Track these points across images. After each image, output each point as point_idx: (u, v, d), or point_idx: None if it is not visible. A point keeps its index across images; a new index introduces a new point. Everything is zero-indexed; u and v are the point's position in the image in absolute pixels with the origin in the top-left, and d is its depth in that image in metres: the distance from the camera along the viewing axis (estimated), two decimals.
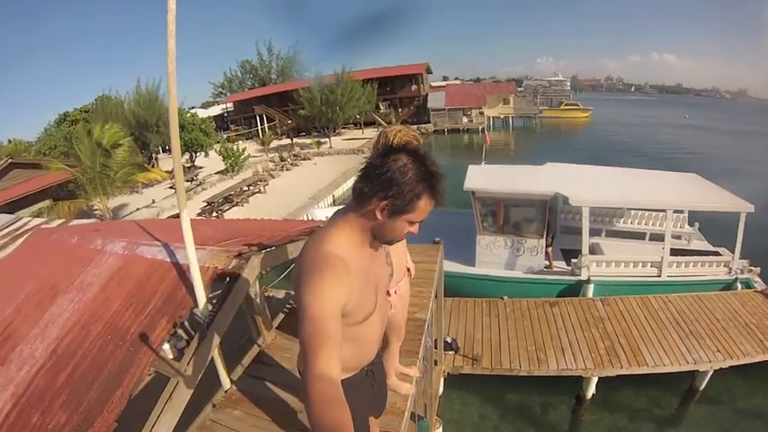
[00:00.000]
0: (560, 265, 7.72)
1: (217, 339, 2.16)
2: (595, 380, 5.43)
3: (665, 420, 5.35)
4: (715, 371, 5.39)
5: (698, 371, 5.41)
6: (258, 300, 3.16)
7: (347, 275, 1.08)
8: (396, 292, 2.20)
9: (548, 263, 7.62)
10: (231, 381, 2.47)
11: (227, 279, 2.73)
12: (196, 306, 2.38)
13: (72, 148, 11.22)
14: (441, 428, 4.98)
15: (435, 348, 5.03)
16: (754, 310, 6.31)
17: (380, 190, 1.08)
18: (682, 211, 8.27)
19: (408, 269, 2.62)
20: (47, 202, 14.05)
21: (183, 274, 2.71)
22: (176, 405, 1.75)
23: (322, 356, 0.93)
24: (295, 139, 30.91)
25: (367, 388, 1.50)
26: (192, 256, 2.23)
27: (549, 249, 7.58)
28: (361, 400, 1.48)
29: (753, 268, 7.18)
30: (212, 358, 2.38)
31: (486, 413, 5.58)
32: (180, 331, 3.07)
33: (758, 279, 7.15)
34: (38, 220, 5.95)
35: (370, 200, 1.10)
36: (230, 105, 40.92)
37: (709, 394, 5.52)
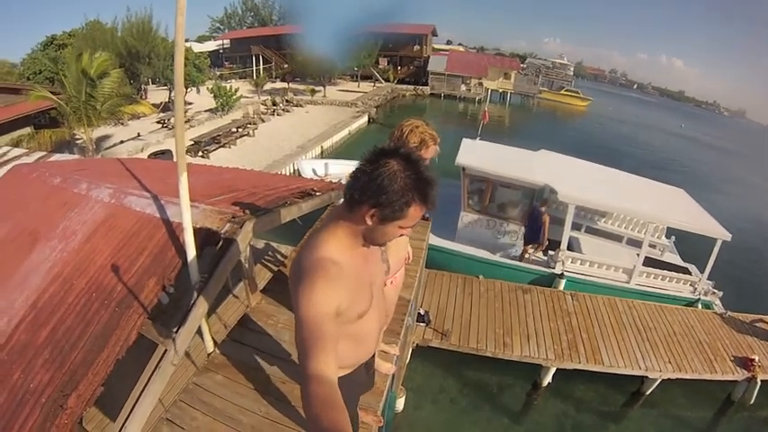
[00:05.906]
0: (537, 254, 7.70)
1: (206, 306, 2.15)
2: (553, 370, 5.69)
3: (609, 417, 5.69)
4: (663, 380, 5.68)
5: (647, 377, 5.71)
6: (247, 264, 3.13)
7: (340, 278, 1.11)
8: (392, 283, 2.21)
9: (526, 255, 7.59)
10: (215, 342, 2.47)
11: (220, 243, 2.67)
12: (185, 268, 2.34)
13: (58, 74, 10.49)
14: (404, 397, 5.19)
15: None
16: (710, 330, 6.57)
17: (370, 197, 1.07)
18: None
19: (407, 256, 2.62)
20: (27, 130, 13.37)
21: (172, 232, 2.63)
22: (164, 373, 1.73)
23: (317, 357, 0.96)
24: (290, 84, 29.86)
25: (361, 376, 1.57)
26: (186, 221, 2.17)
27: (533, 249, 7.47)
28: (354, 389, 1.54)
29: (716, 291, 7.36)
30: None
31: (447, 386, 5.82)
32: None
33: (718, 302, 7.32)
34: (17, 151, 5.60)
35: (361, 206, 1.11)
36: (227, 42, 38.94)
37: (654, 400, 5.85)
